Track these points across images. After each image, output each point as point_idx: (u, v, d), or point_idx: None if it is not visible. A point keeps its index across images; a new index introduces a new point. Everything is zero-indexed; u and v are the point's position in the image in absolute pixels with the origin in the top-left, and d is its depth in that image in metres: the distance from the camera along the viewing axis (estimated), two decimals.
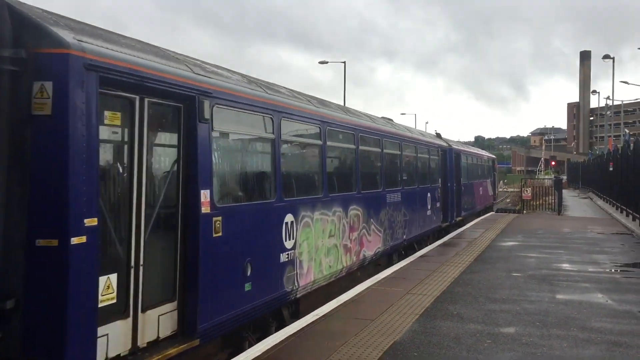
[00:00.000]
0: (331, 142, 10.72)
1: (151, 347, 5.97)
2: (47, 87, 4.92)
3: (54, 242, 4.84)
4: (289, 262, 8.70)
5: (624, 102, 66.85)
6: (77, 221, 4.92)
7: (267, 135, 8.40)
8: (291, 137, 9.39)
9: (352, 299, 10.06)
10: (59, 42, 4.95)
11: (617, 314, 9.15)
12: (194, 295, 6.47)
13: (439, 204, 19.72)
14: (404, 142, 15.71)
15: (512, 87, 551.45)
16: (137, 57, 5.86)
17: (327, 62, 45.83)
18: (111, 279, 5.48)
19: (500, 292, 10.61)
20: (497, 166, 43.03)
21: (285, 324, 8.81)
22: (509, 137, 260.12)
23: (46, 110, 4.92)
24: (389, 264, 14.27)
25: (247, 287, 7.48)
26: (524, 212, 33.27)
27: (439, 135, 24.03)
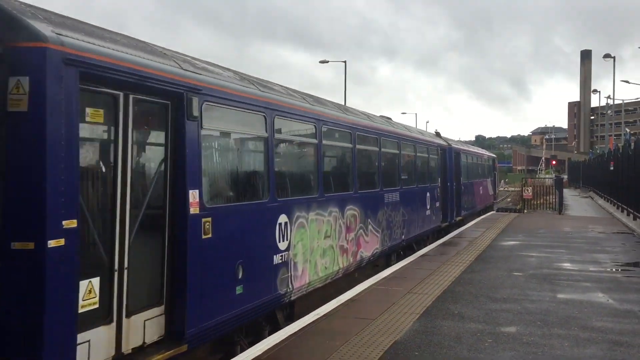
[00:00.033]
0: (327, 141, 10.49)
1: (136, 354, 5.75)
2: (23, 82, 4.70)
3: (29, 245, 4.62)
4: (283, 264, 8.47)
5: (625, 101, 66.64)
6: (55, 223, 4.69)
7: (260, 133, 8.16)
8: (285, 136, 9.14)
9: (352, 298, 10.01)
10: (35, 36, 4.73)
11: (618, 313, 9.13)
12: (182, 299, 6.25)
13: (438, 204, 19.49)
14: (402, 141, 15.47)
15: (513, 86, 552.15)
16: (121, 52, 5.64)
17: (327, 62, 45.84)
18: (93, 283, 5.26)
19: (501, 291, 10.57)
20: (497, 165, 42.82)
21: (279, 327, 8.61)
22: (509, 136, 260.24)
23: (22, 106, 4.70)
24: (388, 265, 14.10)
25: (239, 290, 7.25)
26: (525, 211, 33.18)
27: (438, 134, 23.80)
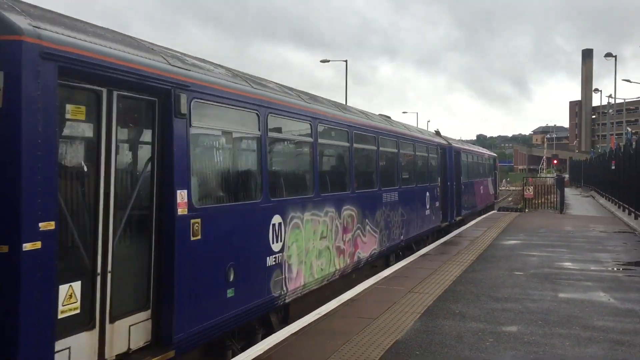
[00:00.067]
0: (323, 140, 10.26)
1: None
2: None
3: (3, 249, 4.39)
4: (277, 266, 8.25)
5: (626, 100, 66.41)
6: (31, 225, 4.47)
7: (253, 131, 7.94)
8: (279, 134, 8.90)
9: (353, 297, 9.96)
10: (10, 28, 4.50)
11: (620, 312, 9.09)
12: (169, 303, 6.02)
13: (438, 204, 19.26)
14: (401, 139, 15.25)
15: (514, 85, 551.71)
16: (104, 46, 5.41)
17: (328, 61, 45.74)
18: (74, 288, 5.04)
19: (502, 290, 10.52)
20: (498, 165, 42.58)
21: (273, 330, 8.40)
22: (511, 135, 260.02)
23: None
24: (386, 266, 13.89)
25: (230, 293, 7.03)
26: (526, 210, 33.10)
27: (438, 133, 23.55)
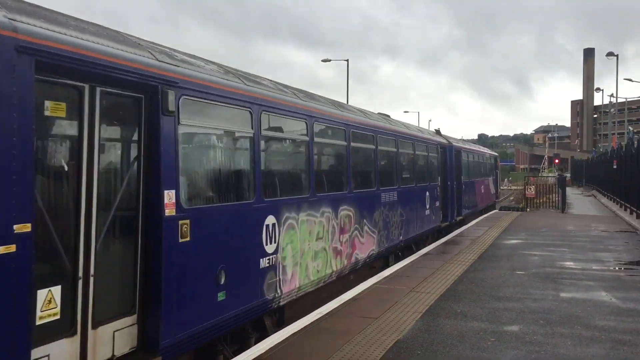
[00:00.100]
0: (319, 139, 10.03)
1: None
2: None
3: None
4: (270, 268, 8.02)
5: (628, 100, 66.26)
6: (4, 227, 4.24)
7: (245, 130, 7.70)
8: (273, 133, 8.67)
9: (355, 297, 9.93)
10: None
11: (621, 312, 9.07)
12: (156, 307, 5.80)
13: (438, 203, 19.02)
14: (400, 138, 15.01)
15: (516, 85, 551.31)
16: (86, 40, 5.18)
17: (330, 60, 45.60)
18: (53, 293, 4.82)
19: (504, 290, 10.51)
20: (499, 164, 42.30)
21: (268, 334, 8.18)
22: (512, 134, 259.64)
23: None
24: (385, 267, 13.67)
25: (221, 296, 6.80)
26: (528, 210, 32.89)
27: (438, 132, 23.31)
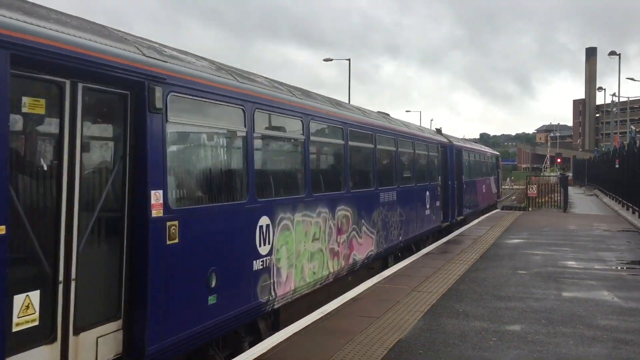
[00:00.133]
0: (315, 137, 9.81)
1: None
2: None
3: None
4: (264, 270, 7.80)
5: (630, 99, 66.07)
6: None
7: (238, 128, 7.48)
8: (267, 131, 8.45)
9: (356, 296, 9.90)
10: None
11: (624, 311, 9.05)
12: (142, 312, 5.58)
13: (438, 203, 18.80)
14: (400, 137, 14.79)
15: (518, 84, 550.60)
16: (67, 34, 4.97)
17: (331, 60, 45.52)
18: (31, 298, 4.60)
19: (505, 289, 10.49)
20: (501, 163, 42.05)
21: (262, 338, 7.97)
22: (514, 134, 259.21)
23: None
24: (384, 267, 13.45)
25: (211, 300, 6.59)
26: (530, 209, 32.70)
27: (439, 131, 23.09)
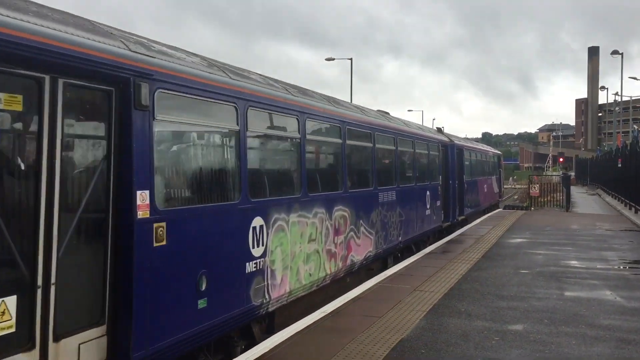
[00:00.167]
0: (312, 136, 9.58)
1: None
2: None
3: None
4: (258, 272, 7.58)
5: (633, 98, 65.94)
6: None
7: (230, 126, 7.25)
8: (261, 130, 8.22)
9: (359, 295, 9.91)
10: None
11: (626, 311, 9.01)
12: (127, 317, 5.37)
13: (439, 203, 18.57)
14: (399, 136, 14.56)
15: (520, 83, 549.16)
16: (46, 27, 4.75)
17: (333, 59, 45.38)
18: (7, 303, 4.38)
19: (508, 289, 10.47)
20: (503, 163, 41.80)
21: (256, 342, 7.76)
22: (516, 133, 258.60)
23: None
24: (384, 268, 13.24)
25: (201, 303, 6.36)
26: (532, 208, 32.52)
27: (440, 130, 22.87)
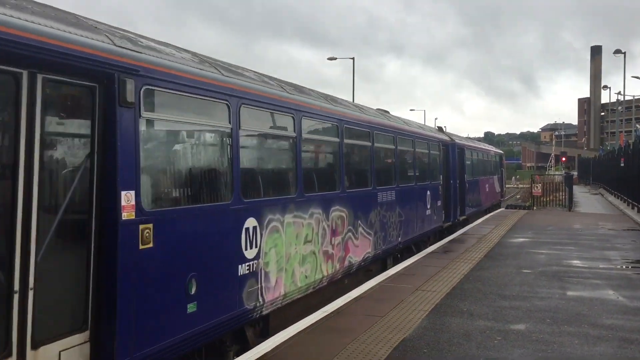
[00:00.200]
0: (308, 135, 9.36)
1: None
2: None
3: None
4: (251, 275, 7.37)
5: (636, 97, 65.56)
6: None
7: (222, 124, 7.03)
8: (255, 128, 7.99)
9: (361, 295, 9.90)
10: None
11: (629, 310, 8.97)
12: (111, 323, 5.16)
13: (440, 203, 18.34)
14: (399, 135, 14.33)
15: (522, 83, 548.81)
16: (24, 20, 4.54)
17: (335, 59, 45.14)
18: None
19: (510, 288, 10.44)
20: (505, 162, 41.55)
21: (249, 346, 7.55)
22: (519, 133, 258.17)
23: None
24: (383, 269, 13.01)
25: (191, 307, 6.15)
26: (534, 208, 32.33)
27: (441, 129, 22.64)
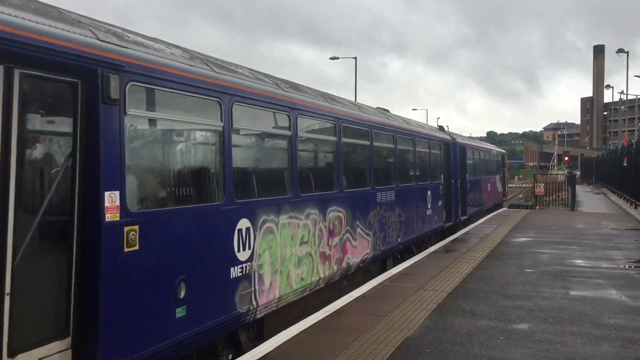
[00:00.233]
0: (304, 134, 9.14)
1: None
2: None
3: None
4: (244, 277, 7.15)
5: (638, 97, 65.16)
6: None
7: (213, 122, 6.82)
8: (248, 127, 7.76)
9: (363, 294, 9.88)
10: None
11: (631, 310, 8.94)
12: (93, 329, 4.95)
13: (441, 203, 18.11)
14: (399, 134, 14.10)
15: (525, 82, 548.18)
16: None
17: (338, 58, 45.01)
18: None
19: (513, 288, 10.42)
20: (507, 161, 41.30)
21: (243, 350, 7.34)
22: (521, 132, 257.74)
23: None
24: (383, 270, 12.81)
25: (180, 312, 5.94)
26: (537, 207, 32.10)
27: (442, 128, 22.40)
